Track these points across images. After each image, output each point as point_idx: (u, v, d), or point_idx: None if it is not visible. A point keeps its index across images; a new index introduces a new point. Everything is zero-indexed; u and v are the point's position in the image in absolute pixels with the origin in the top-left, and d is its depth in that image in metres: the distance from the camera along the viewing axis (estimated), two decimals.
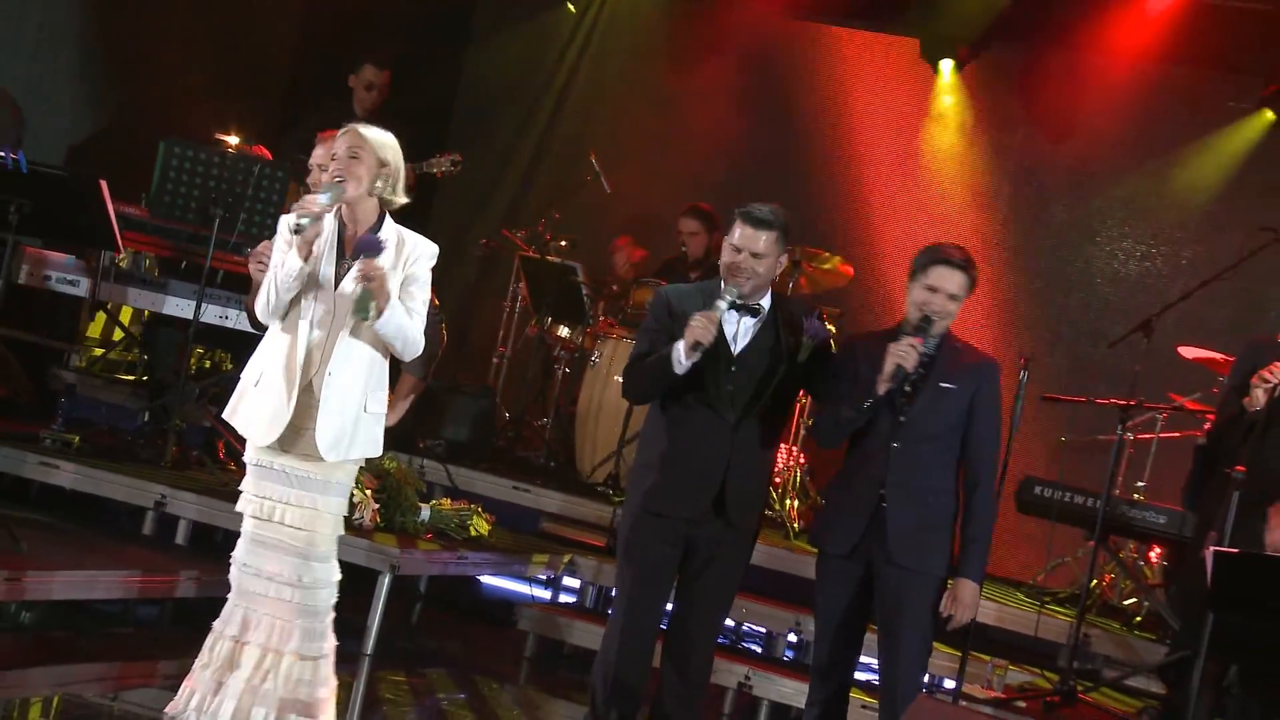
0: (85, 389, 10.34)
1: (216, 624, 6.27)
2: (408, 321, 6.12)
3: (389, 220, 6.21)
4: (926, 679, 7.33)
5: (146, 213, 9.63)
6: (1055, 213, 12.51)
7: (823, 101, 13.00)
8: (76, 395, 9.90)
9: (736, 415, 6.61)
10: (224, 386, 9.70)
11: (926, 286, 6.57)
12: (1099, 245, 12.34)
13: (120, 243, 8.51)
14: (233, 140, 10.23)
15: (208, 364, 10.17)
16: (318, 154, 7.01)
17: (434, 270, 6.39)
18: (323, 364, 6.14)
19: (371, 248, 5.95)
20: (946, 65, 12.47)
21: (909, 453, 6.58)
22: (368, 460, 6.81)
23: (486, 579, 10.26)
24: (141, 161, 10.39)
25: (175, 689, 6.97)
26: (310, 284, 6.13)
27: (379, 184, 6.05)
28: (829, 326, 7.81)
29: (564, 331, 10.55)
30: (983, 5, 12.20)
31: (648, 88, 13.48)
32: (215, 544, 8.79)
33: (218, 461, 9.46)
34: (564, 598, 9.68)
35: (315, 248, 6.07)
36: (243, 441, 7.07)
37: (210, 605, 7.99)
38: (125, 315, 10.70)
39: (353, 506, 8.07)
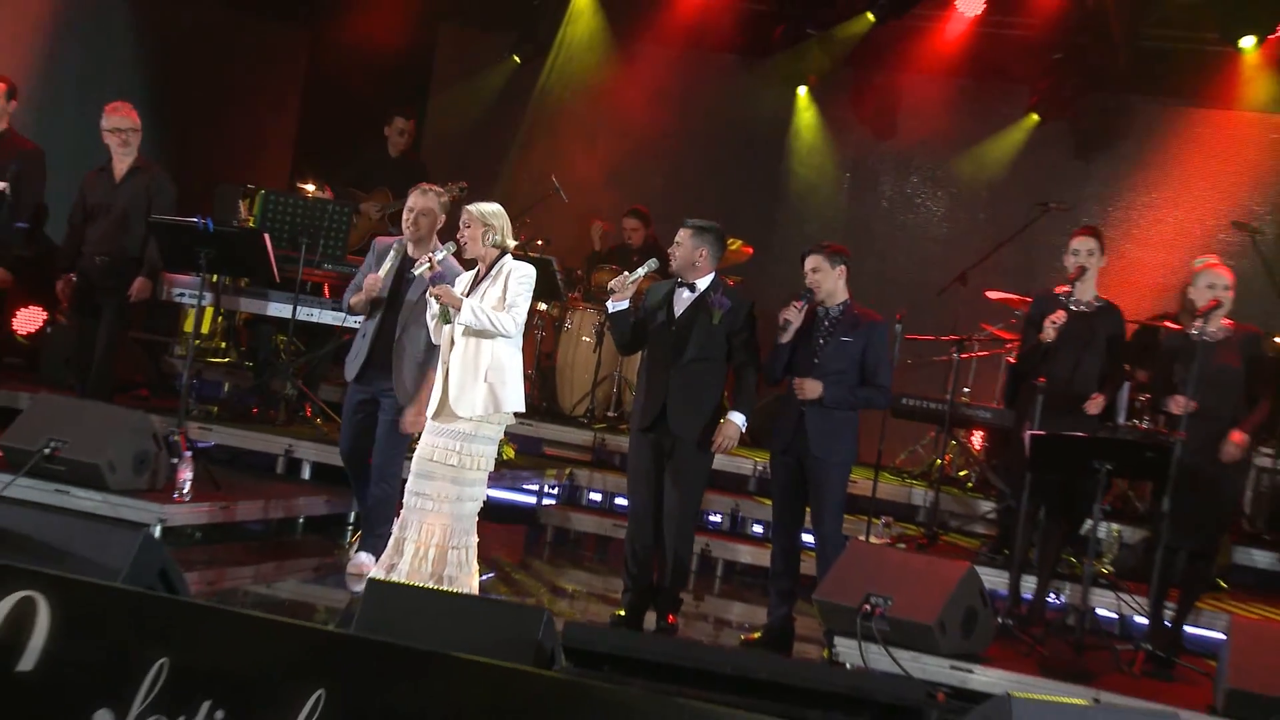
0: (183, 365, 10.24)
1: (395, 528, 7.05)
2: (483, 316, 6.76)
3: (507, 257, 7.00)
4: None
5: None
6: (883, 191, 13.02)
7: (718, 119, 13.14)
8: (203, 378, 10.17)
9: (675, 359, 7.28)
10: (310, 365, 10.14)
11: (805, 271, 7.48)
12: (917, 214, 12.86)
13: (276, 275, 8.80)
14: (310, 188, 10.51)
15: (302, 349, 10.24)
16: (412, 199, 7.69)
17: None
18: (454, 352, 6.91)
19: (439, 279, 6.84)
20: (802, 89, 12.86)
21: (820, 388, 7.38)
22: None
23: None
24: (197, 194, 10.48)
25: (325, 578, 8.03)
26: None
27: (487, 238, 6.92)
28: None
29: (542, 306, 10.72)
30: (826, 50, 12.48)
31: (588, 119, 13.44)
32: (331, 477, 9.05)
33: (308, 420, 9.82)
34: (545, 501, 9.93)
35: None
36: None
37: (334, 520, 8.96)
38: (207, 317, 10.75)
39: None
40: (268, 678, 5.06)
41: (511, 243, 7.05)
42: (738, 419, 7.29)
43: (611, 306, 7.29)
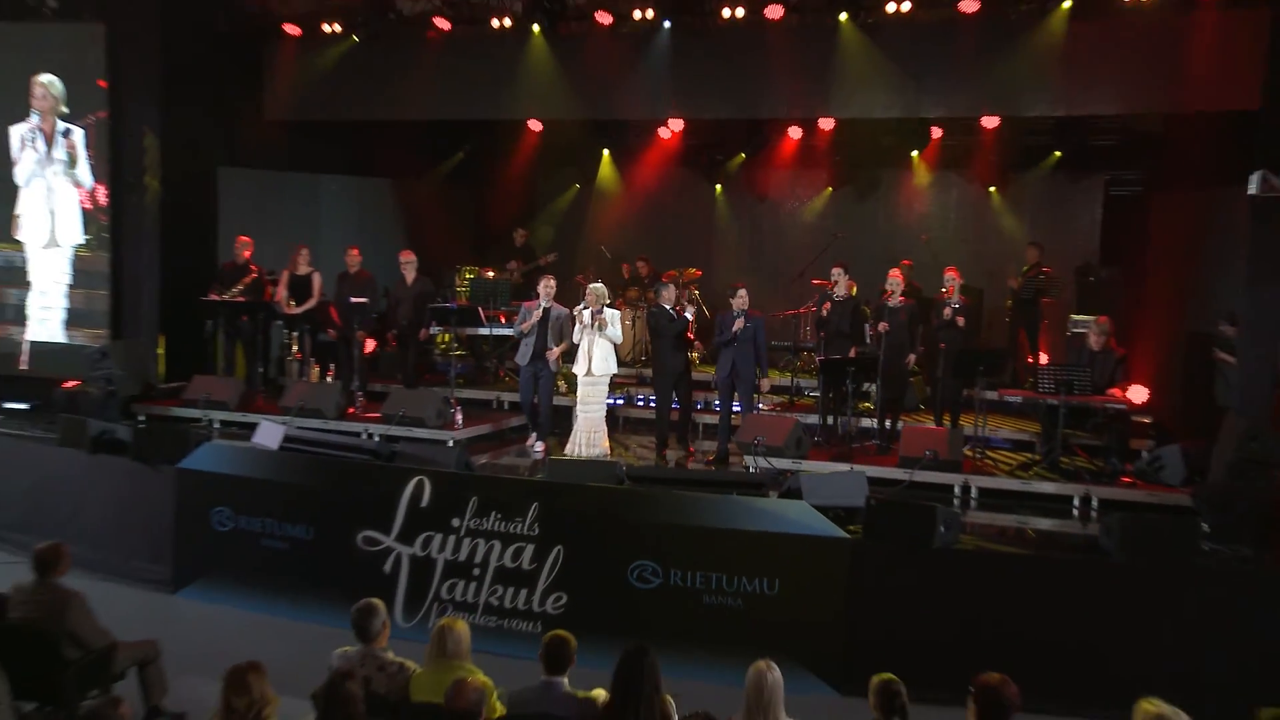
0: (443, 360, 10.74)
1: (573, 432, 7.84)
2: (613, 332, 7.79)
3: (605, 307, 7.93)
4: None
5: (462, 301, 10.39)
6: (765, 230, 13.09)
7: (678, 203, 13.01)
8: (449, 367, 9.71)
9: (688, 348, 8.34)
10: (500, 355, 10.68)
11: (737, 295, 8.30)
12: (781, 240, 12.91)
13: (485, 322, 9.27)
14: (490, 274, 11.17)
15: (494, 347, 10.67)
16: (543, 283, 8.32)
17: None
18: (594, 347, 7.89)
19: (598, 314, 7.84)
20: (719, 186, 13.07)
21: (738, 349, 8.26)
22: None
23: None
24: (431, 276, 10.13)
25: (520, 455, 8.32)
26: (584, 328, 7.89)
27: (599, 302, 7.94)
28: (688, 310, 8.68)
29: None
30: (728, 165, 12.47)
31: (615, 213, 13.36)
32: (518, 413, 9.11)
33: (503, 380, 10.36)
34: (616, 405, 9.55)
35: (586, 318, 7.90)
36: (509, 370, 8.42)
37: (522, 429, 9.03)
38: (447, 337, 10.76)
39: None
40: (514, 499, 6.27)
41: (607, 301, 8.17)
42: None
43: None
